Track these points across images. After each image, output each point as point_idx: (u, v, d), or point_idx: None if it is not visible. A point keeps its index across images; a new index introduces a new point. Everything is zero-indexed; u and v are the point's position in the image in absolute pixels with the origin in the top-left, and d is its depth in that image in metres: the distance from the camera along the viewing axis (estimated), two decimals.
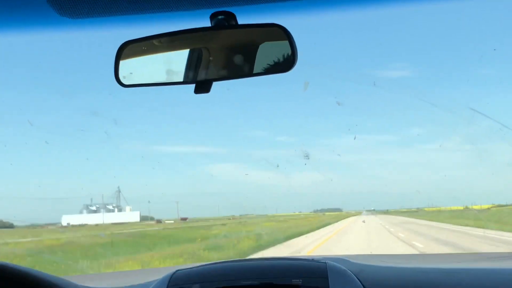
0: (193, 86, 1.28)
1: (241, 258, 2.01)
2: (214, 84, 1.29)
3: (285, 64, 1.26)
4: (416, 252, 11.95)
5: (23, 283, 1.24)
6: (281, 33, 1.23)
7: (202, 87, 1.27)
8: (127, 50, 1.29)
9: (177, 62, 1.31)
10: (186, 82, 1.30)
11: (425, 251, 12.48)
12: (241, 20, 1.24)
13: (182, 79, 1.31)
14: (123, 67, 1.29)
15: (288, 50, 1.24)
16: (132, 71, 1.31)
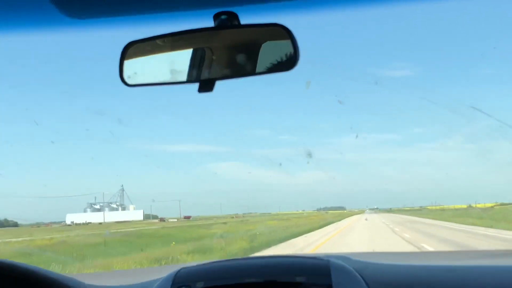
0: (197, 85, 1.30)
1: (246, 256, 2.02)
2: (218, 83, 1.30)
3: (288, 63, 1.27)
4: None
5: (30, 281, 1.25)
6: (283, 33, 1.24)
7: (206, 86, 1.29)
8: (132, 50, 1.30)
9: (181, 62, 1.32)
10: (190, 81, 1.32)
11: None
12: (244, 20, 1.25)
13: (186, 79, 1.32)
14: (128, 67, 1.30)
15: (291, 49, 1.26)
16: (137, 71, 1.33)
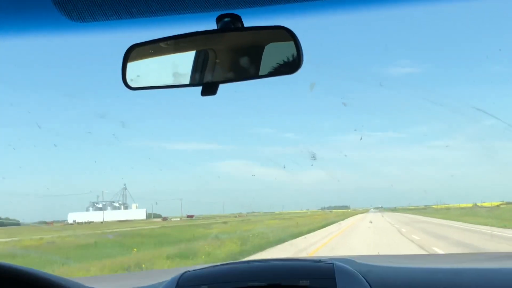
0: (200, 88, 1.29)
1: (250, 259, 2.01)
2: (221, 86, 1.30)
3: (291, 66, 1.26)
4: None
5: (29, 284, 1.24)
6: (287, 35, 1.23)
7: (209, 90, 1.28)
8: (134, 53, 1.29)
9: (184, 65, 1.31)
10: (193, 85, 1.31)
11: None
12: (247, 23, 1.24)
13: (189, 82, 1.31)
14: (131, 70, 1.30)
15: (294, 52, 1.24)
16: (140, 74, 1.32)
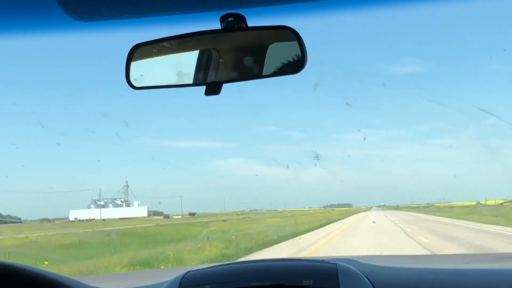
0: (204, 88, 1.29)
1: (253, 259, 2.01)
2: (224, 85, 1.29)
3: (295, 66, 1.26)
4: None
5: (33, 284, 1.24)
6: (291, 35, 1.23)
7: (213, 89, 1.28)
8: (138, 53, 1.29)
9: (188, 64, 1.31)
10: (197, 84, 1.31)
11: None
12: (251, 22, 1.24)
13: (193, 81, 1.31)
14: (134, 70, 1.30)
15: (298, 52, 1.24)
16: (143, 73, 1.32)
